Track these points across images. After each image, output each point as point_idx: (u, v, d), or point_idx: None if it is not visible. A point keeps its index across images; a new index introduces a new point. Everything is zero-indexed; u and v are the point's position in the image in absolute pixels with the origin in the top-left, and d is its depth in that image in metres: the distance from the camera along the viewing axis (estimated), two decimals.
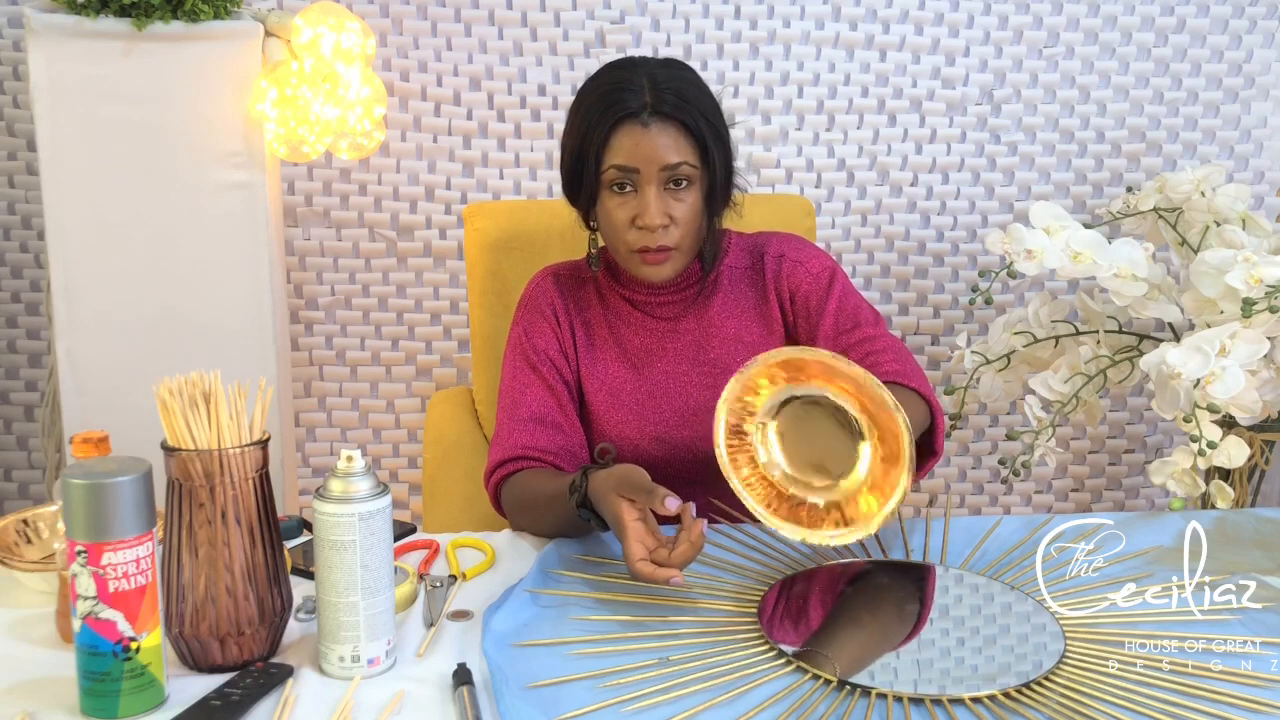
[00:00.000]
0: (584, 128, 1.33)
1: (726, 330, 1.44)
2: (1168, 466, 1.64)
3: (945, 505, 2.21)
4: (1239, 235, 1.76)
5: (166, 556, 0.99)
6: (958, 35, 2.21)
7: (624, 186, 1.33)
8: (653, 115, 1.31)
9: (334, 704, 0.95)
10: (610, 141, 1.32)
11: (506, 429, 1.39)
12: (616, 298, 1.46)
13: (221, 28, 1.76)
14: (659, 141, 1.31)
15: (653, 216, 1.32)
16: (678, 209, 1.33)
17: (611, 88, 1.33)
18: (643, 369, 1.43)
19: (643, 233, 1.33)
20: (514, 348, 1.45)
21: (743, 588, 1.16)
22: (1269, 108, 2.29)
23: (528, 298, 1.47)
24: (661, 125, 1.31)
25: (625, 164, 1.31)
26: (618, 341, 1.44)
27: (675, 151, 1.31)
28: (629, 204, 1.33)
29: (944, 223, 2.29)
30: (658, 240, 1.33)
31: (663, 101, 1.31)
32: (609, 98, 1.32)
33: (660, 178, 1.32)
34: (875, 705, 0.95)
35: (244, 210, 1.83)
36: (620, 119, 1.31)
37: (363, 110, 1.89)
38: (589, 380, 1.43)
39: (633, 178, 1.32)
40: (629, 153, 1.31)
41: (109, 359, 1.82)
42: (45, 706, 0.95)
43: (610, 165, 1.32)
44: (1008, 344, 1.92)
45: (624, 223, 1.34)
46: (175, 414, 0.98)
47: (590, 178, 1.34)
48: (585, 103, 1.35)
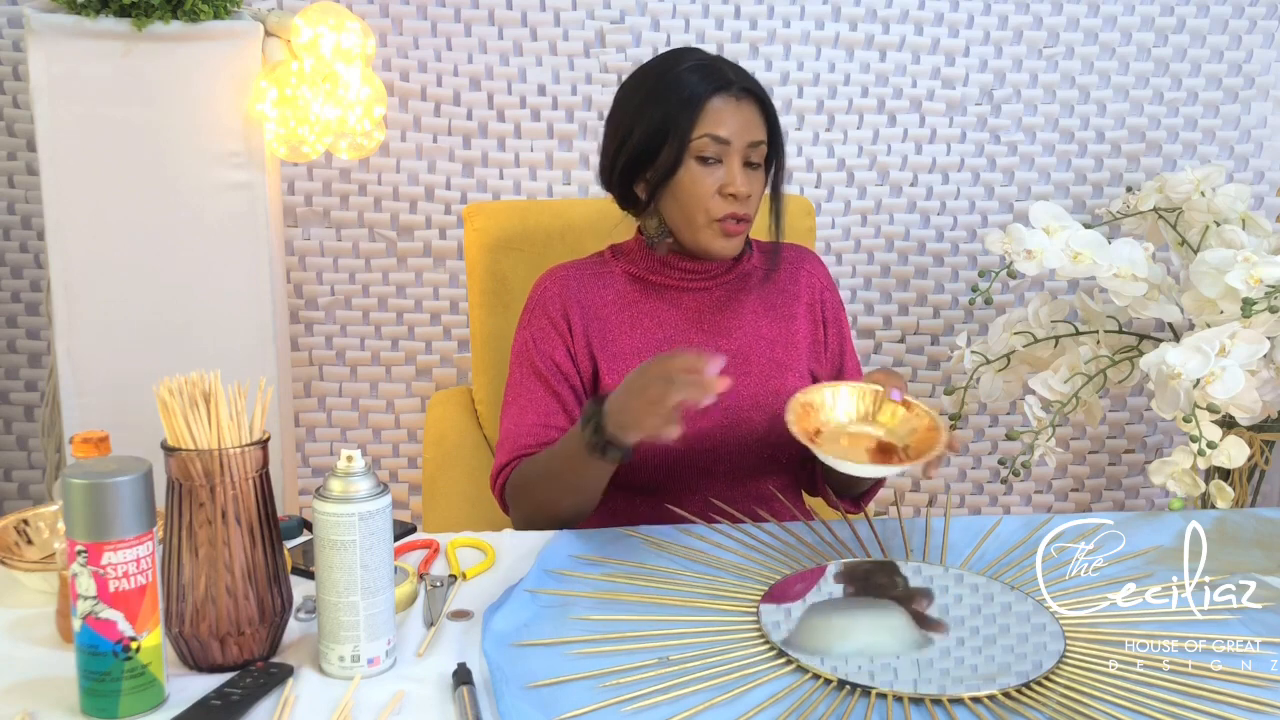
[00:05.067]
0: (671, 97, 1.36)
1: (747, 324, 1.45)
2: (1168, 466, 1.64)
3: (945, 505, 2.21)
4: (1239, 235, 1.76)
5: (166, 556, 0.99)
6: (958, 35, 2.21)
7: (709, 159, 1.36)
8: (742, 91, 1.37)
9: (334, 704, 0.95)
10: (705, 110, 1.35)
11: (512, 435, 1.40)
12: (639, 288, 1.45)
13: (221, 28, 1.76)
14: (749, 114, 1.37)
15: (741, 185, 1.36)
16: (754, 185, 1.39)
17: (697, 64, 1.38)
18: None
19: (728, 201, 1.37)
20: (520, 355, 1.45)
21: (743, 588, 1.16)
22: (1269, 108, 2.29)
23: (534, 303, 1.46)
24: (748, 102, 1.37)
25: (718, 134, 1.35)
26: (639, 334, 1.44)
27: (758, 130, 1.38)
28: (714, 173, 1.37)
29: (944, 223, 2.29)
30: (743, 208, 1.37)
31: (744, 79, 1.38)
32: (699, 71, 1.37)
33: (745, 153, 1.37)
34: (875, 705, 0.95)
35: (244, 210, 1.83)
36: (716, 89, 1.36)
37: (363, 110, 1.89)
38: (608, 375, 1.42)
39: (723, 149, 1.36)
40: (723, 122, 1.35)
41: (109, 359, 1.82)
42: (45, 706, 0.95)
43: (705, 134, 1.35)
44: (1008, 344, 1.92)
45: (709, 191, 1.37)
46: (175, 414, 0.98)
47: (673, 150, 1.36)
48: (664, 80, 1.38)
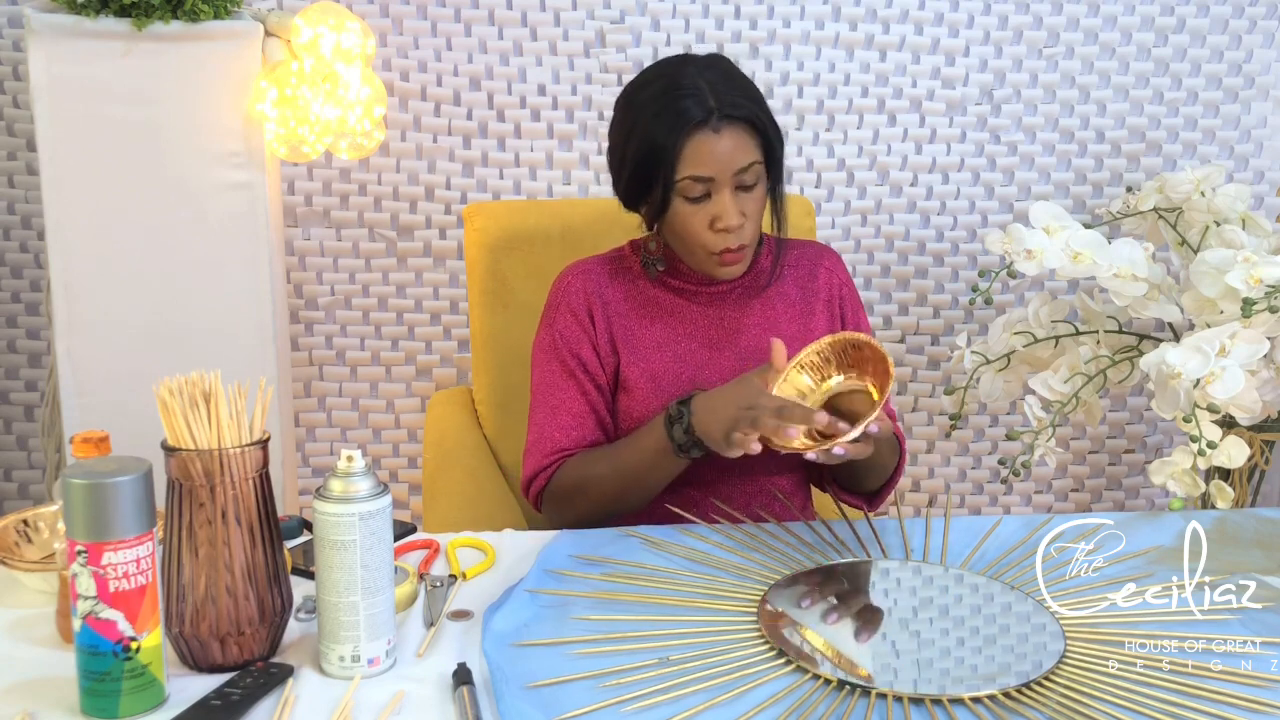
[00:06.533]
0: (650, 138, 1.32)
1: (766, 321, 1.45)
2: (1168, 466, 1.64)
3: (945, 505, 2.21)
4: (1239, 235, 1.76)
5: (166, 556, 0.99)
6: (958, 35, 2.21)
7: (697, 197, 1.33)
8: (721, 119, 1.30)
9: (334, 704, 0.95)
10: (683, 152, 1.31)
11: (547, 436, 1.41)
12: (659, 287, 1.45)
13: (221, 28, 1.76)
14: (730, 146, 1.31)
15: (733, 217, 1.32)
16: (750, 206, 1.34)
17: (673, 96, 1.31)
18: (684, 354, 1.43)
19: (722, 235, 1.33)
20: (546, 351, 1.44)
21: (742, 588, 1.16)
22: (1269, 108, 2.29)
23: (557, 297, 1.46)
24: (730, 129, 1.31)
25: (701, 174, 1.31)
26: (660, 328, 1.44)
27: (745, 153, 1.32)
28: (704, 209, 1.33)
29: (944, 223, 2.29)
30: (738, 240, 1.34)
31: (725, 103, 1.30)
32: (673, 106, 1.31)
33: (734, 181, 1.32)
34: (875, 705, 0.95)
35: (244, 210, 1.83)
36: (695, 127, 1.30)
37: (363, 110, 1.89)
38: (630, 369, 1.42)
39: (710, 185, 1.32)
40: (703, 162, 1.30)
41: (109, 359, 1.82)
42: (45, 706, 0.95)
43: (685, 176, 1.31)
44: (1008, 344, 1.92)
45: (702, 227, 1.34)
46: (175, 414, 0.98)
47: (660, 191, 1.34)
48: (646, 111, 1.33)
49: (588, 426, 1.41)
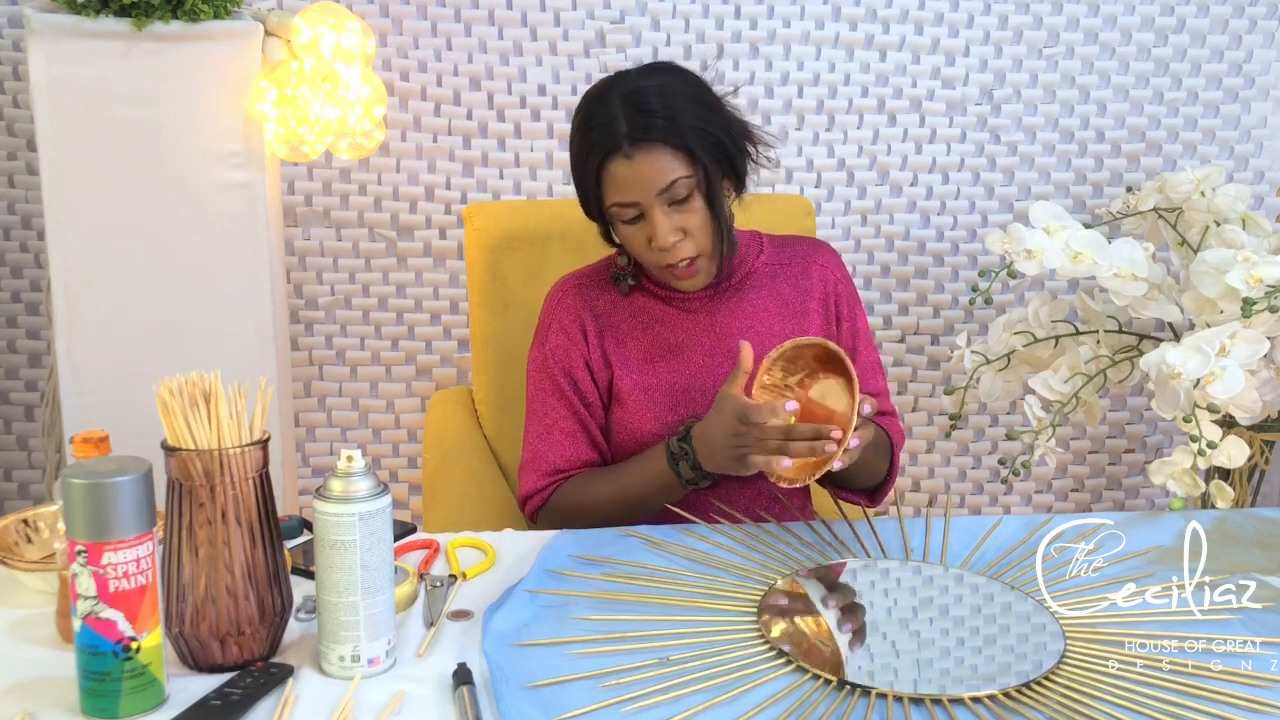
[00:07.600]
0: (577, 169, 1.36)
1: (759, 323, 1.45)
2: (1168, 466, 1.64)
3: (945, 505, 2.21)
4: (1239, 235, 1.76)
5: (166, 556, 0.99)
6: (958, 35, 2.21)
7: (631, 219, 1.34)
8: (633, 144, 1.29)
9: (334, 704, 0.95)
10: (602, 181, 1.32)
11: (542, 456, 1.42)
12: (648, 296, 1.46)
13: (221, 28, 1.76)
14: (647, 169, 1.30)
15: (664, 238, 1.32)
16: (688, 220, 1.33)
17: (588, 126, 1.33)
18: (676, 363, 1.43)
19: (662, 253, 1.34)
20: (538, 369, 1.46)
21: (742, 588, 1.16)
22: (1269, 108, 2.29)
23: (548, 316, 1.47)
24: (644, 151, 1.30)
25: (622, 200, 1.32)
26: (651, 338, 1.44)
27: (665, 172, 1.30)
28: (641, 229, 1.34)
29: (944, 223, 2.29)
30: (679, 255, 1.34)
31: (636, 126, 1.29)
32: (589, 137, 1.32)
33: (660, 200, 1.31)
34: (875, 705, 0.95)
35: (244, 210, 1.83)
36: (603, 158, 1.31)
37: (363, 110, 1.89)
38: (623, 382, 1.43)
39: (635, 208, 1.32)
40: (622, 188, 1.31)
41: (109, 359, 1.82)
42: (45, 706, 0.95)
43: (610, 204, 1.33)
44: (1008, 344, 1.92)
45: (643, 246, 1.35)
46: (175, 414, 0.98)
47: (599, 213, 1.37)
48: (573, 142, 1.36)
49: (580, 445, 1.43)
